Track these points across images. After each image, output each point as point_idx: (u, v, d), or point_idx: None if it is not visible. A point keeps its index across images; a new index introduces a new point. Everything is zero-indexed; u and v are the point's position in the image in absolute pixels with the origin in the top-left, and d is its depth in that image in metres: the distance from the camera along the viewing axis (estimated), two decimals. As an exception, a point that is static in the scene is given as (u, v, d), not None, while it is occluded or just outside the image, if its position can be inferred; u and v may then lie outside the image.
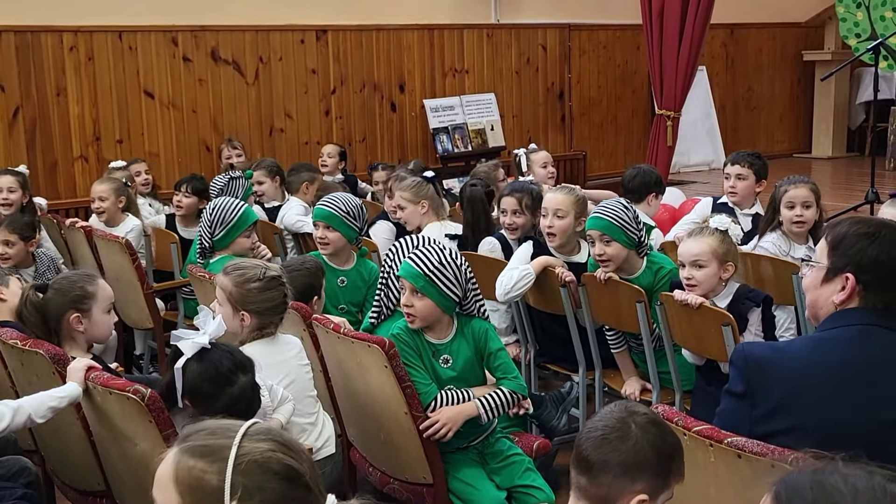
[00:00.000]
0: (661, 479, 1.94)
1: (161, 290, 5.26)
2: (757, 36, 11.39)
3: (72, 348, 3.22)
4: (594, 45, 10.10)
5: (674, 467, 1.96)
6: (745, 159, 5.10)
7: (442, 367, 3.36)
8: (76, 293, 3.25)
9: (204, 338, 2.72)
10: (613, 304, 4.08)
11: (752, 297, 3.63)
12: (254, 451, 1.60)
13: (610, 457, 1.92)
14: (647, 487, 1.91)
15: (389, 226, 5.55)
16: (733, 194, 5.09)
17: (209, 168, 7.73)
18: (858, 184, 8.55)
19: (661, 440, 1.94)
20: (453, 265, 3.30)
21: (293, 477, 1.61)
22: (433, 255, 3.29)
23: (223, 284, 3.25)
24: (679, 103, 8.85)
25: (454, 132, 8.91)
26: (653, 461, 1.92)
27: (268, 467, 1.59)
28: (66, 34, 7.25)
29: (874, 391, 2.23)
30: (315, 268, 3.96)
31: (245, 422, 1.66)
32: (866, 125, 11.04)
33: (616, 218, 4.05)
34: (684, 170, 10.50)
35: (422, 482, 3.28)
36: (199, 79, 7.85)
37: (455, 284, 3.29)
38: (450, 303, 3.31)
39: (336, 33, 8.49)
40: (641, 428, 1.94)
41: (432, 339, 3.36)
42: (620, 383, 4.21)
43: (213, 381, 2.67)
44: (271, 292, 3.22)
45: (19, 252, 5.11)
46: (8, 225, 5.16)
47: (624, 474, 1.91)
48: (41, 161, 7.22)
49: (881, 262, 2.29)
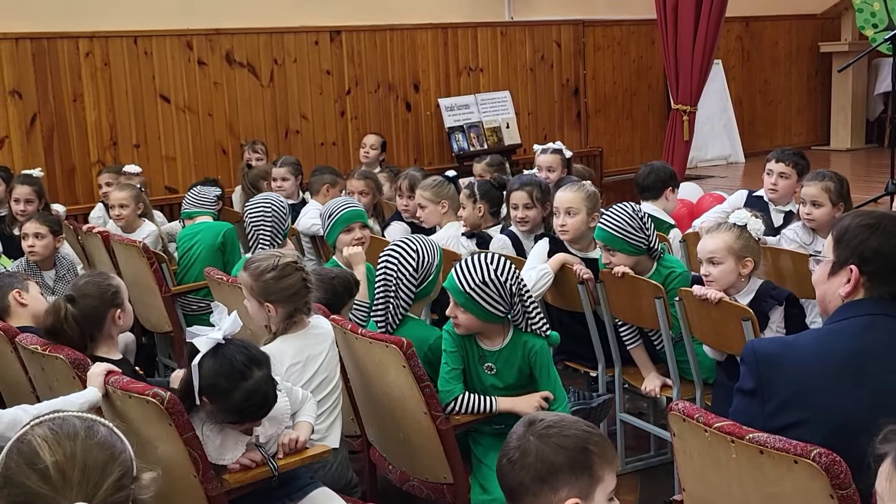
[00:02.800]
0: (584, 474, 1.84)
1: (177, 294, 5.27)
2: (773, 28, 11.32)
3: (109, 347, 3.28)
4: (609, 41, 10.06)
5: (593, 458, 1.86)
6: (790, 158, 5.01)
7: (486, 373, 3.36)
8: (110, 291, 3.29)
9: (218, 333, 2.73)
10: (632, 301, 4.06)
11: (774, 294, 3.59)
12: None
13: (521, 477, 1.86)
14: (572, 490, 1.84)
15: (404, 226, 5.56)
16: (773, 191, 5.01)
17: (226, 171, 7.76)
18: (878, 175, 8.47)
19: (563, 438, 1.86)
20: (496, 283, 3.25)
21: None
22: (476, 273, 3.25)
23: (244, 280, 3.29)
24: (695, 98, 8.80)
25: (469, 131, 8.90)
26: (563, 462, 1.84)
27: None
28: (81, 40, 7.29)
29: (884, 380, 2.22)
30: (341, 286, 3.86)
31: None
32: (885, 116, 10.95)
33: (617, 229, 4.01)
34: (701, 164, 10.45)
35: (442, 482, 3.27)
36: (215, 82, 7.88)
37: (499, 301, 3.26)
38: (493, 317, 3.30)
39: (350, 34, 8.50)
40: (539, 436, 1.87)
41: (483, 344, 3.37)
42: (640, 380, 4.19)
43: (227, 376, 2.68)
44: (288, 279, 3.21)
45: (47, 246, 5.15)
46: (39, 217, 5.25)
47: (542, 487, 1.84)
48: (59, 167, 7.26)
49: (882, 252, 2.31)
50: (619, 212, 4.06)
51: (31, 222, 5.20)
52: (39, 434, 1.66)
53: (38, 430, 1.67)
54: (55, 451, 1.63)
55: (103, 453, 1.65)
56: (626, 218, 4.02)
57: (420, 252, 3.50)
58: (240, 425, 2.77)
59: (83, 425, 1.69)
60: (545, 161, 6.11)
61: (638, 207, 4.16)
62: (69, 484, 1.61)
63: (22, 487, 1.62)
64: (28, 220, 5.26)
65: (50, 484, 1.61)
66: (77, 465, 1.62)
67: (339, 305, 3.80)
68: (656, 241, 4.12)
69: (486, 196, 5.03)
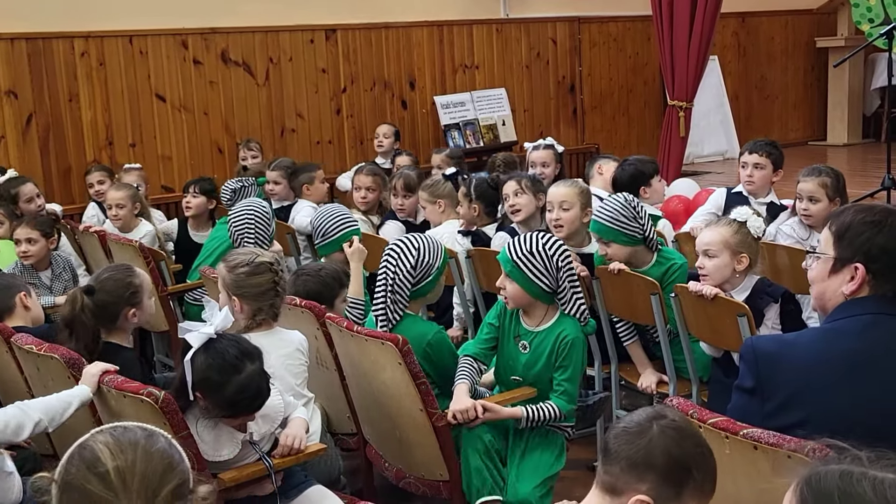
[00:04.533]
0: (671, 487, 1.85)
1: (174, 293, 5.27)
2: (769, 24, 11.32)
3: (122, 339, 3.32)
4: (604, 38, 10.06)
5: (689, 480, 1.86)
6: (762, 148, 5.04)
7: (520, 351, 3.44)
8: (129, 290, 3.32)
9: (210, 328, 2.74)
10: (627, 297, 4.06)
11: (770, 291, 3.59)
12: None
13: (622, 448, 1.89)
14: (651, 491, 1.85)
15: (398, 225, 5.59)
16: (750, 183, 5.03)
17: (221, 170, 7.75)
18: (874, 170, 8.47)
19: (676, 446, 1.87)
20: (543, 254, 3.35)
21: None
22: (525, 243, 3.38)
23: (220, 271, 3.33)
24: (691, 94, 8.79)
25: (465, 128, 8.89)
26: (661, 464, 1.85)
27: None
28: (77, 40, 7.28)
29: (886, 380, 2.20)
30: (331, 277, 3.88)
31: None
32: (881, 111, 10.94)
33: (611, 220, 4.02)
34: (698, 160, 10.45)
35: (438, 479, 3.27)
36: (210, 81, 7.87)
37: (545, 274, 3.35)
38: (538, 290, 3.36)
39: (345, 32, 8.49)
40: (661, 430, 1.89)
41: (525, 322, 3.45)
42: (637, 377, 4.19)
43: (219, 370, 2.70)
44: (258, 277, 3.23)
45: (40, 250, 5.18)
46: (29, 222, 5.27)
47: (630, 470, 1.87)
48: (55, 167, 7.25)
49: (889, 250, 2.27)
50: (613, 202, 4.07)
51: (22, 228, 5.20)
52: (101, 440, 1.70)
53: (99, 436, 1.72)
54: (116, 456, 1.67)
55: (162, 462, 1.70)
56: (619, 208, 4.03)
57: (421, 251, 3.49)
58: (234, 419, 2.77)
59: (144, 434, 1.73)
60: (539, 157, 6.12)
61: (631, 197, 4.16)
62: (129, 489, 1.65)
63: (83, 491, 1.66)
64: (19, 226, 5.24)
65: (110, 489, 1.65)
66: (137, 472, 1.67)
67: (332, 297, 3.81)
68: (652, 230, 4.12)
69: (481, 196, 5.03)
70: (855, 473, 1.39)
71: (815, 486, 1.41)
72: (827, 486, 1.40)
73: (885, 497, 1.35)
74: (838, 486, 1.39)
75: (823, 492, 1.39)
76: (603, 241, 4.09)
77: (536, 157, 6.14)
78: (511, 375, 3.47)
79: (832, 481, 1.39)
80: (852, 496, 1.37)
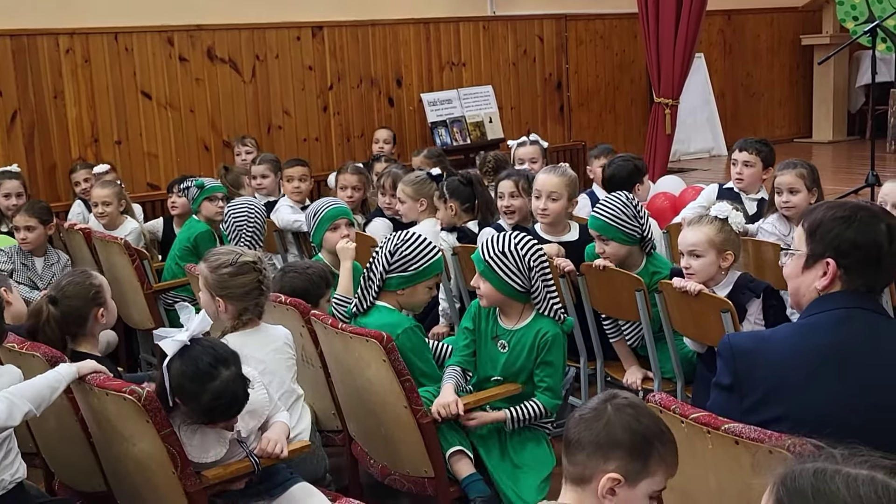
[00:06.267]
0: (638, 461, 1.91)
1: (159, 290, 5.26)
2: (754, 21, 11.35)
3: (91, 345, 3.31)
4: (591, 35, 10.07)
5: (653, 452, 1.93)
6: (752, 146, 5.08)
7: (499, 350, 3.45)
8: (92, 291, 3.32)
9: (184, 335, 2.72)
10: (612, 293, 4.07)
11: (752, 287, 3.61)
12: None
13: (583, 435, 1.94)
14: (620, 468, 1.90)
15: (385, 222, 5.58)
16: (740, 180, 5.08)
17: (208, 167, 7.71)
18: (859, 167, 8.51)
19: (636, 421, 1.93)
20: (515, 255, 3.36)
21: None
22: (497, 244, 3.39)
23: (202, 270, 3.30)
24: (677, 91, 8.82)
25: (452, 125, 8.89)
26: (625, 440, 1.91)
27: None
28: (61, 37, 7.24)
29: (862, 374, 2.21)
30: (317, 276, 3.87)
31: None
32: (866, 108, 10.98)
33: (612, 217, 4.02)
34: (685, 157, 10.47)
35: (423, 476, 3.27)
36: (196, 78, 7.84)
37: (517, 274, 3.35)
38: (511, 290, 3.37)
39: (332, 29, 8.47)
40: (617, 409, 1.95)
41: (502, 322, 3.46)
42: (622, 373, 4.20)
43: (193, 378, 2.67)
44: (243, 277, 3.21)
45: (38, 237, 5.40)
46: (27, 210, 5.45)
47: (596, 452, 1.92)
48: (40, 164, 7.22)
49: (859, 245, 2.28)
50: (614, 200, 4.07)
51: (21, 215, 5.40)
52: None
53: None
54: None
55: None
56: (620, 206, 4.03)
57: (408, 243, 3.49)
58: (214, 425, 2.75)
59: None
60: (527, 153, 6.14)
61: (631, 196, 4.17)
62: None
63: None
64: (17, 213, 5.45)
65: None
66: None
67: (317, 296, 3.80)
68: (650, 231, 4.13)
69: (454, 193, 5.00)
70: (829, 471, 1.40)
71: (790, 485, 1.42)
72: (801, 485, 1.41)
73: (857, 494, 1.36)
74: (812, 484, 1.40)
75: (798, 490, 1.41)
76: (602, 239, 4.08)
77: (524, 154, 6.16)
78: (491, 376, 3.47)
79: (806, 479, 1.41)
80: (826, 493, 1.38)
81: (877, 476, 1.39)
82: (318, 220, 4.48)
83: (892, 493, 1.37)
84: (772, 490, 1.45)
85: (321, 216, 4.48)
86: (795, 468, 1.45)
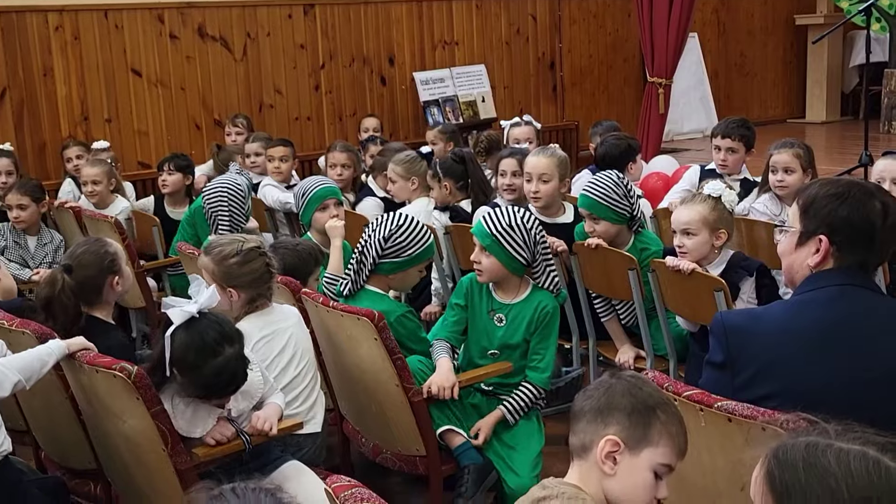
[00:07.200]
0: (638, 427, 1.88)
1: (150, 269, 5.24)
2: (748, 1, 11.31)
3: (106, 312, 3.30)
4: (584, 14, 10.02)
5: (654, 419, 1.89)
6: (735, 132, 4.98)
7: (496, 324, 3.43)
8: (107, 259, 3.29)
9: (193, 307, 2.70)
10: (605, 273, 4.06)
11: (745, 265, 3.60)
12: None
13: (585, 404, 1.95)
14: (620, 433, 1.88)
15: (376, 201, 5.58)
16: (724, 166, 5.03)
17: (199, 145, 7.68)
18: (852, 147, 8.51)
19: (636, 388, 1.93)
20: (522, 228, 3.37)
21: None
22: (503, 217, 3.38)
23: (205, 265, 3.22)
24: (670, 71, 8.78)
25: (445, 105, 8.85)
26: (624, 404, 1.90)
27: None
28: (51, 14, 7.18)
29: (855, 351, 2.21)
30: (307, 253, 3.85)
31: None
32: (860, 88, 10.98)
33: (602, 196, 4.01)
34: (678, 137, 10.46)
35: (414, 454, 3.27)
36: (187, 56, 7.78)
37: (523, 247, 3.36)
38: (516, 264, 3.38)
39: (324, 7, 8.40)
40: (619, 379, 1.96)
41: (498, 296, 3.44)
42: (614, 352, 4.20)
43: (198, 351, 2.66)
44: (252, 264, 3.17)
45: (31, 215, 5.43)
46: (20, 188, 5.47)
47: (595, 418, 1.91)
48: (30, 142, 7.17)
49: (852, 221, 2.28)
50: (605, 179, 4.06)
51: (13, 194, 5.41)
52: None
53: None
54: None
55: None
56: (611, 185, 4.02)
57: (402, 228, 3.44)
58: (208, 400, 2.74)
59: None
60: (522, 133, 6.13)
61: (622, 175, 4.15)
62: None
63: None
64: (9, 192, 5.46)
65: None
66: None
67: (306, 273, 3.79)
68: (640, 210, 4.12)
69: (448, 172, 4.97)
70: (820, 445, 1.40)
71: (782, 458, 1.42)
72: (793, 458, 1.41)
73: (848, 469, 1.36)
74: (803, 458, 1.40)
75: (789, 463, 1.41)
76: (592, 218, 4.06)
77: (519, 134, 6.15)
78: (487, 349, 3.46)
79: (798, 453, 1.41)
80: (816, 467, 1.38)
81: (868, 452, 1.39)
82: (307, 201, 4.46)
83: (882, 468, 1.36)
84: (763, 462, 1.45)
85: (309, 196, 4.46)
86: (788, 442, 1.45)
